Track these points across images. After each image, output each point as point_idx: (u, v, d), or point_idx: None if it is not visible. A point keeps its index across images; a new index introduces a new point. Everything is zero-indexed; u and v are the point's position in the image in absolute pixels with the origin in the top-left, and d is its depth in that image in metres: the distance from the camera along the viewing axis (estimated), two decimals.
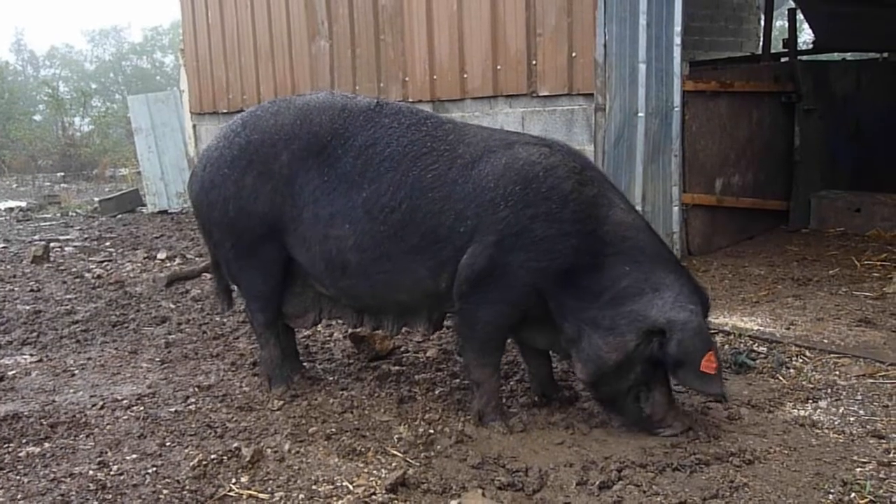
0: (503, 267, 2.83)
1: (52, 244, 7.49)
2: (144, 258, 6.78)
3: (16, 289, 5.65)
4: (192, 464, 2.66)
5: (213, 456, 2.70)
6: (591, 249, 2.82)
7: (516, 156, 2.91)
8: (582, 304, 2.83)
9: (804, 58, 8.02)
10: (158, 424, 3.05)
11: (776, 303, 4.49)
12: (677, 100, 5.12)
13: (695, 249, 5.71)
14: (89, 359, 3.97)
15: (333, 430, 2.94)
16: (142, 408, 3.24)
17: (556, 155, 2.93)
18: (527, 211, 2.81)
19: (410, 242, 2.94)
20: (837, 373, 3.44)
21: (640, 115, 5.16)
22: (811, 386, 3.30)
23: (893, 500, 2.36)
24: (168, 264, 6.52)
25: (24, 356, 4.04)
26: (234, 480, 2.57)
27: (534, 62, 5.78)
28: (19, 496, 2.50)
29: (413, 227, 2.93)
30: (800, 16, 8.80)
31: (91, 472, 2.65)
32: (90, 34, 39.38)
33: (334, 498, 2.46)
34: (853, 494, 2.39)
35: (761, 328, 4.04)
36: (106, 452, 2.81)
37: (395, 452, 2.76)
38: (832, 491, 2.42)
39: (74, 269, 6.35)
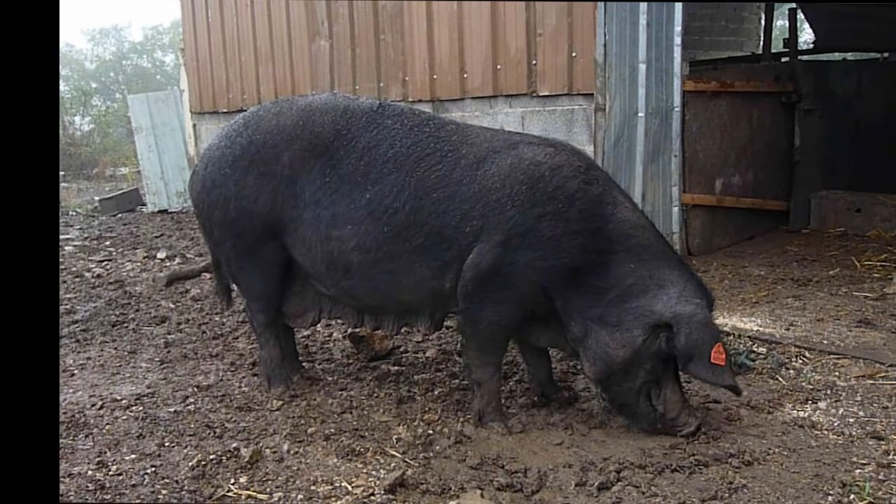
0: (510, 266, 2.83)
1: None
2: (144, 257, 6.78)
3: None
4: (190, 464, 2.66)
5: (211, 456, 2.70)
6: (597, 247, 2.83)
7: (521, 156, 2.92)
8: (588, 301, 2.84)
9: (805, 58, 8.01)
10: (157, 424, 3.05)
11: (776, 303, 4.48)
12: (677, 100, 5.11)
13: (694, 250, 5.70)
14: (88, 358, 3.97)
15: (332, 430, 2.94)
16: (141, 408, 3.24)
17: (561, 154, 2.95)
18: (534, 210, 2.82)
19: (414, 243, 2.94)
20: (837, 374, 3.44)
21: (640, 115, 5.16)
22: (810, 387, 3.29)
23: (893, 501, 2.36)
24: (168, 264, 6.51)
25: None
26: (232, 481, 2.57)
27: (534, 62, 5.78)
28: None
29: (417, 227, 2.93)
30: (800, 15, 8.80)
31: (90, 472, 2.65)
32: (90, 33, 39.39)
33: (333, 498, 2.46)
34: (852, 496, 2.39)
35: (761, 329, 4.03)
36: (105, 452, 2.81)
37: (394, 453, 2.76)
38: (831, 492, 2.42)
39: (74, 269, 6.35)
